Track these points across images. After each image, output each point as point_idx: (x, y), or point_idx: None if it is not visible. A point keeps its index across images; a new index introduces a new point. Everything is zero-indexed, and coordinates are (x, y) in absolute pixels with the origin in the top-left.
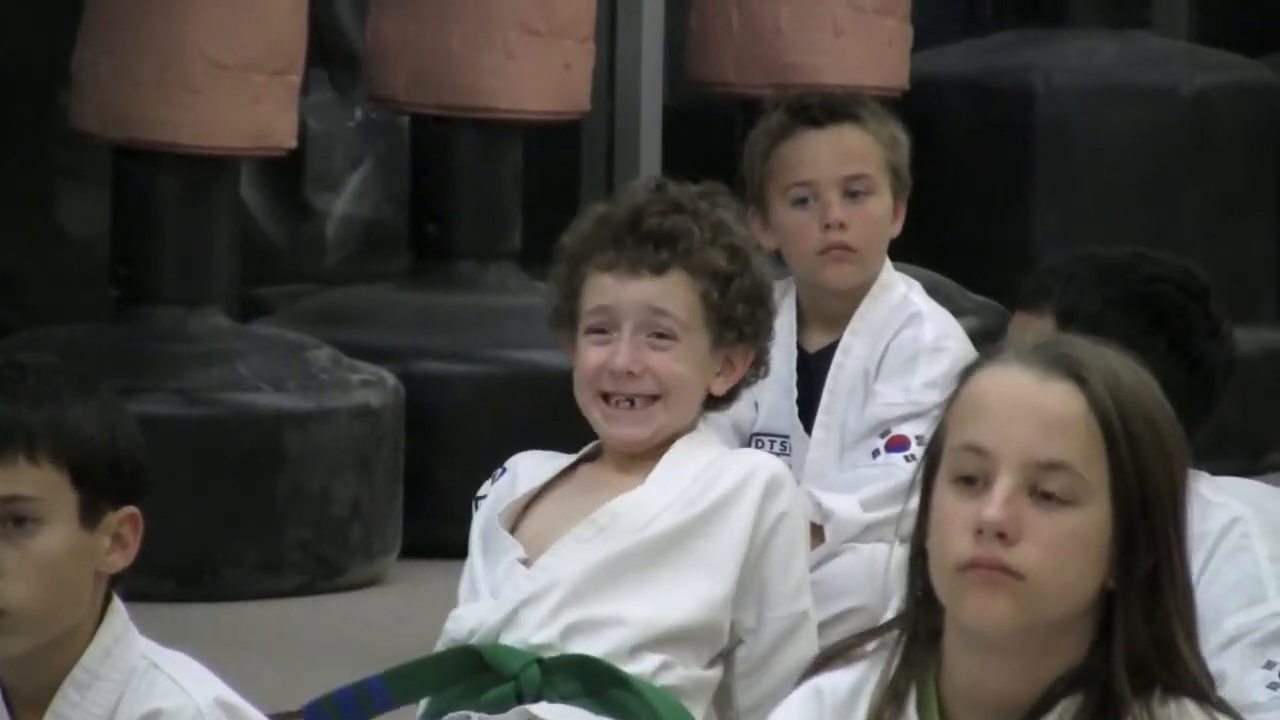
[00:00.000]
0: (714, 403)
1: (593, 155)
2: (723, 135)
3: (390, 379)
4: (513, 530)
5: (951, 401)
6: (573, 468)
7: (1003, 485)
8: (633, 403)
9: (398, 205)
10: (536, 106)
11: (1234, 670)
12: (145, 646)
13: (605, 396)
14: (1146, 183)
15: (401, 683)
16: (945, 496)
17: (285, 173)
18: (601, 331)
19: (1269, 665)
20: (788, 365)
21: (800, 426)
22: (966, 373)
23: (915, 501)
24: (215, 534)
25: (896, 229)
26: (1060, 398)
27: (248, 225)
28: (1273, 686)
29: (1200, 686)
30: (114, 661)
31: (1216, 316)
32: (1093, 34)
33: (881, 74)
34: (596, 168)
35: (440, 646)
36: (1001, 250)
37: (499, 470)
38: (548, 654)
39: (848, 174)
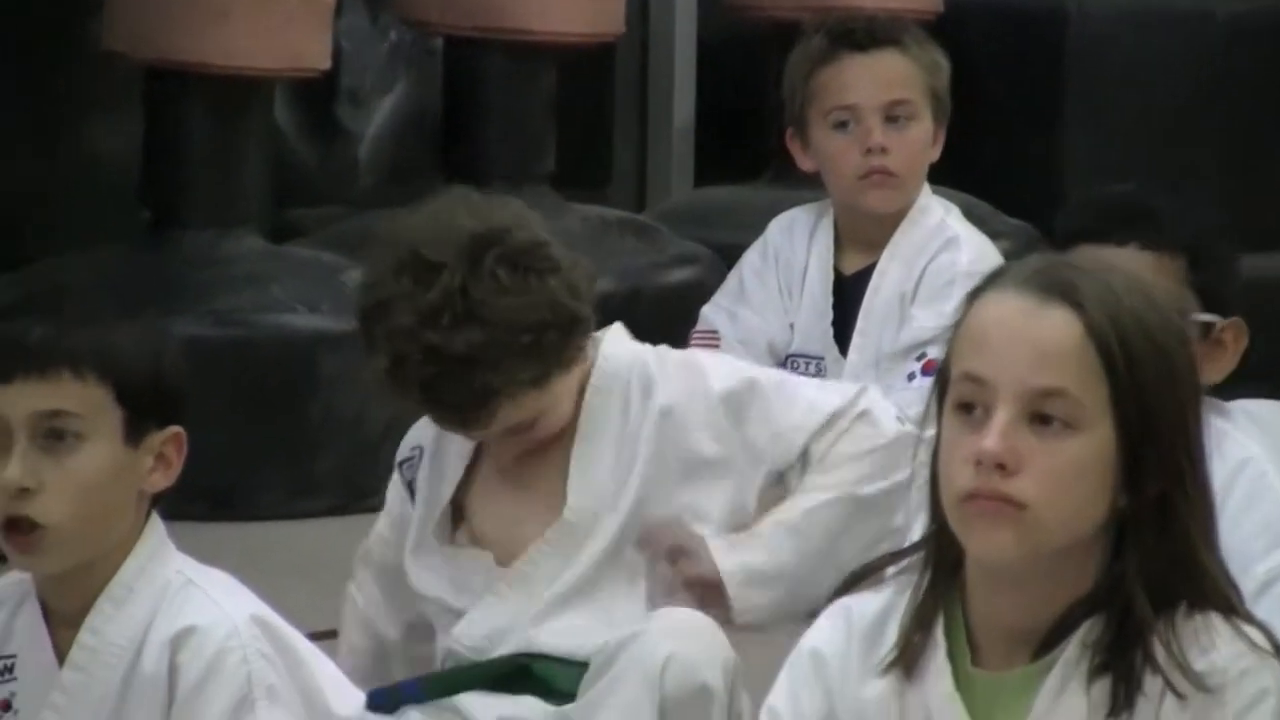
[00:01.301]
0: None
1: (626, 81)
2: (756, 60)
3: None
4: (457, 523)
5: (957, 327)
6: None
7: (1000, 416)
8: None
9: (430, 128)
10: (570, 29)
11: (1275, 620)
12: (181, 563)
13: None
14: (1179, 107)
15: (437, 686)
16: (949, 425)
17: (318, 95)
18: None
19: None
20: (824, 287)
21: (835, 349)
22: (971, 297)
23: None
24: (248, 456)
25: (936, 154)
26: (1056, 324)
27: (280, 148)
28: None
29: (1227, 599)
30: (149, 577)
31: None
32: None
33: None
34: (630, 93)
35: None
36: (1033, 174)
37: (414, 451)
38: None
39: (890, 99)
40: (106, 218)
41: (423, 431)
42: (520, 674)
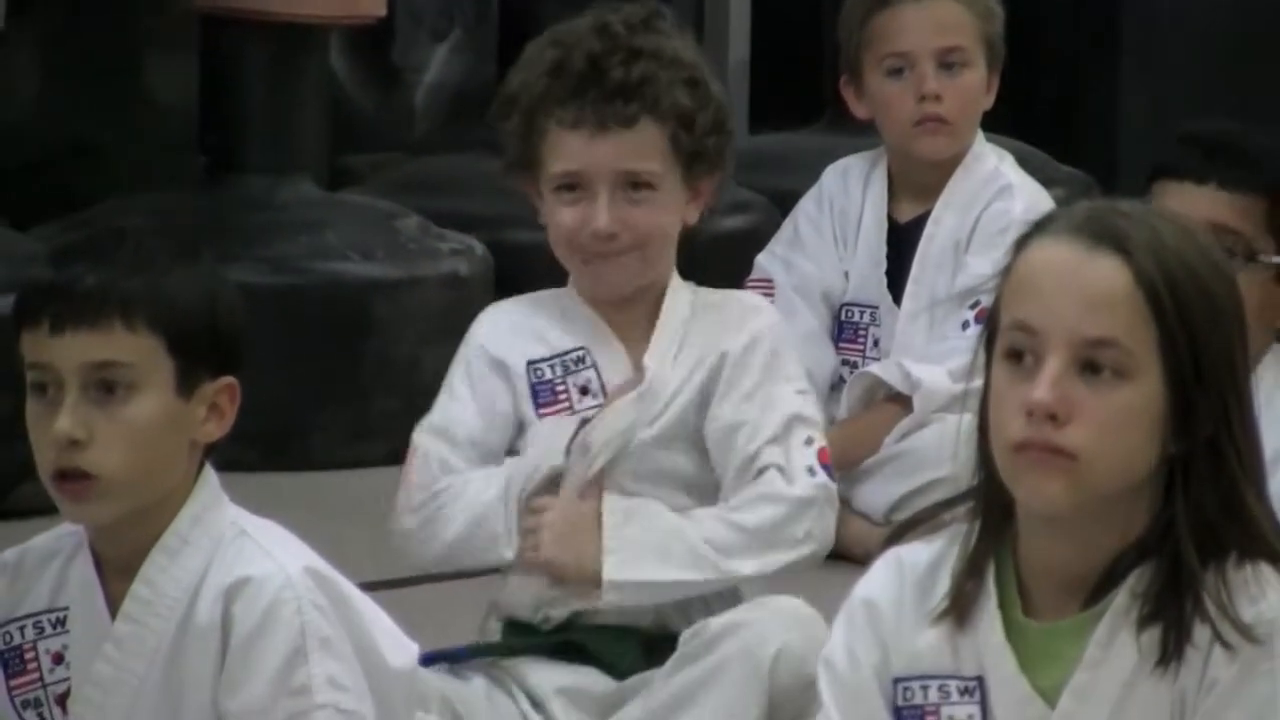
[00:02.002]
0: (685, 232)
1: (681, 24)
2: (811, 5)
3: (479, 247)
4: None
5: (1006, 274)
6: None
7: (1051, 365)
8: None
9: (486, 74)
10: None
11: None
12: (236, 514)
13: (580, 255)
14: (1234, 52)
15: (489, 653)
16: (999, 374)
17: (374, 41)
18: (572, 189)
19: None
20: (878, 236)
21: (889, 297)
22: (1019, 244)
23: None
24: (303, 403)
25: (990, 101)
26: (1105, 272)
27: (336, 94)
28: None
29: (1275, 549)
30: (204, 528)
31: None
32: None
33: None
34: None
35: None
36: (1088, 121)
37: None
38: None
39: (943, 45)
40: (163, 164)
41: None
42: (575, 648)
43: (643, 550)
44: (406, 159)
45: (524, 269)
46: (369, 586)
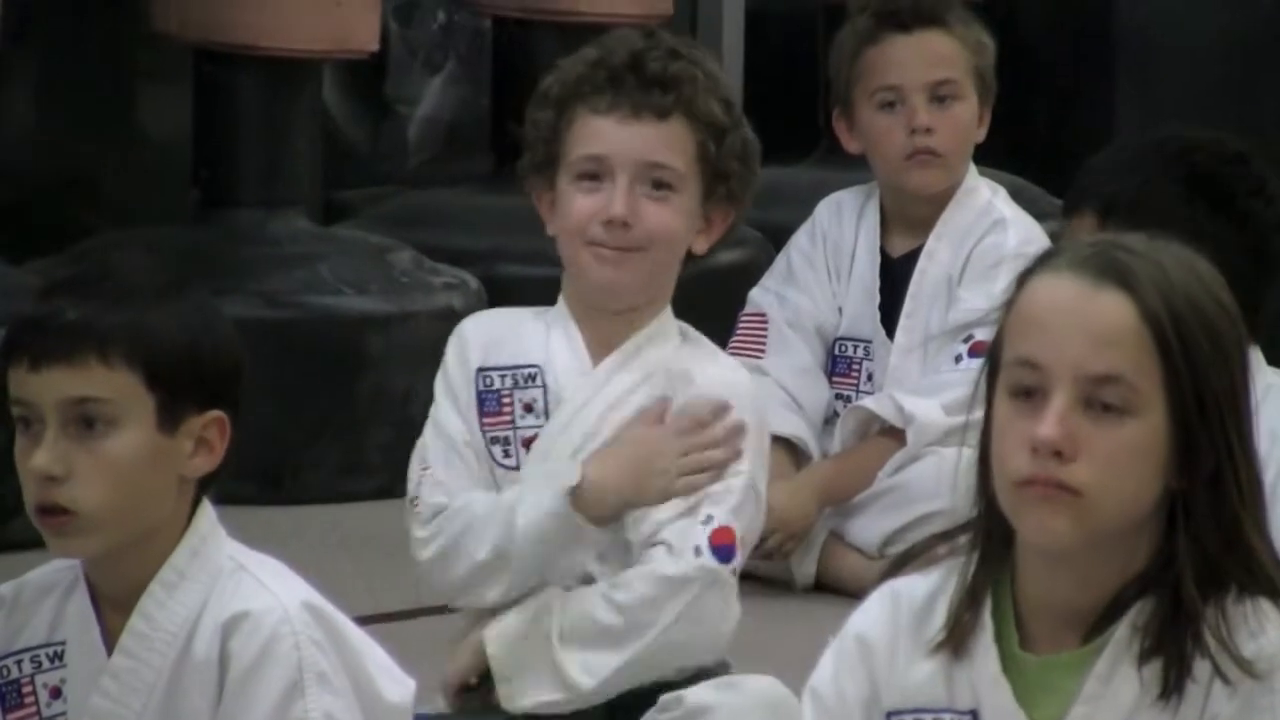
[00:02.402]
0: (690, 261)
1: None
2: (804, 40)
3: (472, 282)
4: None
5: (1009, 309)
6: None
7: (1057, 401)
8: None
9: (480, 108)
10: (619, 9)
11: None
12: (233, 548)
13: (591, 245)
14: (1228, 83)
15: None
16: (1003, 409)
17: (367, 75)
18: (593, 178)
19: None
20: (871, 270)
21: (882, 331)
22: (1022, 279)
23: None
24: (297, 437)
25: (981, 134)
26: (1111, 309)
27: (329, 128)
28: None
29: (1276, 585)
30: (201, 562)
31: (1260, 175)
32: None
33: None
34: None
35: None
36: (1082, 153)
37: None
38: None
39: (934, 79)
40: (157, 198)
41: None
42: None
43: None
44: (400, 193)
45: (517, 303)
46: (365, 620)
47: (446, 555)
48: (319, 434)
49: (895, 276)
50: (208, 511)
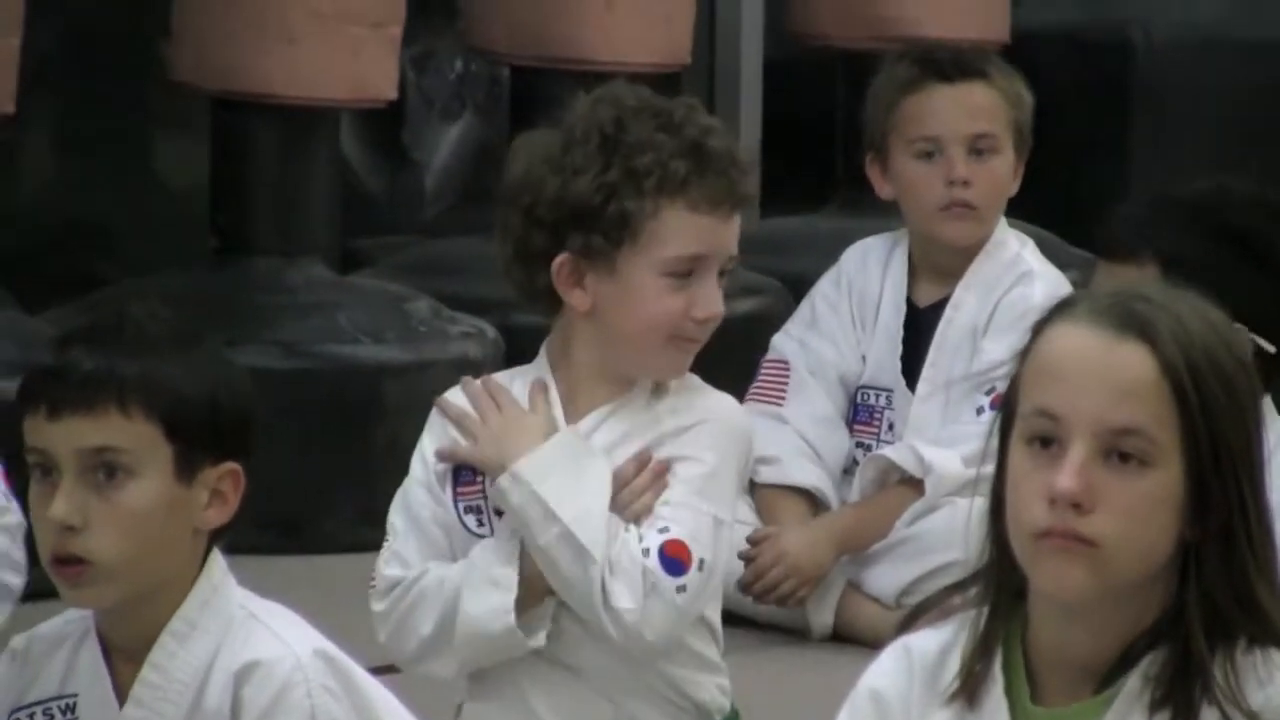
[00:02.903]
0: None
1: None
2: (822, 89)
3: (490, 331)
4: None
5: (1025, 357)
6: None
7: (1076, 453)
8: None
9: (497, 156)
10: (636, 58)
11: None
12: (243, 597)
13: (675, 339)
14: (1246, 137)
15: None
16: (1019, 459)
17: (384, 124)
18: (686, 274)
19: None
20: (896, 319)
21: (903, 381)
22: (1038, 328)
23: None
24: (314, 486)
25: (1015, 187)
26: (1132, 361)
27: (347, 176)
28: None
29: None
30: (212, 612)
31: None
32: None
33: (982, 26)
34: None
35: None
36: (1100, 205)
37: None
38: None
39: (974, 132)
40: (174, 246)
41: None
42: None
43: (560, 476)
44: (417, 241)
45: (534, 352)
46: (380, 670)
47: (398, 629)
48: (335, 483)
49: (920, 325)
50: (219, 561)
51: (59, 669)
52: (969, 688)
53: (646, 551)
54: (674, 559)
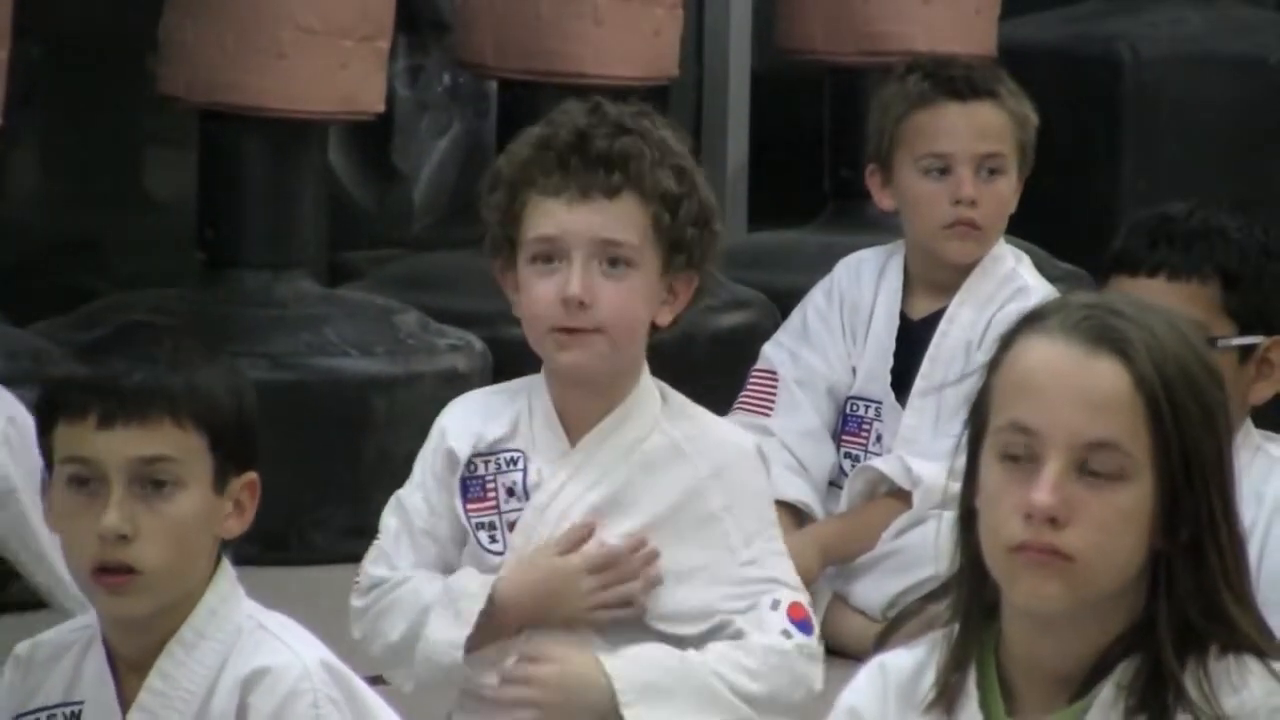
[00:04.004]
0: (656, 332)
1: (680, 121)
2: (810, 102)
3: (478, 343)
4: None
5: (994, 368)
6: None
7: (1051, 468)
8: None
9: (485, 170)
10: (624, 72)
11: None
12: (251, 608)
13: (553, 331)
14: (1234, 153)
15: None
16: (992, 473)
17: (373, 138)
18: (548, 259)
19: None
20: (888, 332)
21: (893, 394)
22: (1008, 340)
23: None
24: (302, 498)
25: (1014, 205)
26: (1107, 376)
27: (335, 190)
28: None
29: (1256, 643)
30: (220, 621)
31: None
32: (1180, 3)
33: (969, 42)
34: (684, 134)
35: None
36: (1088, 220)
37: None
38: None
39: (984, 151)
40: (162, 260)
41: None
42: None
43: (658, 693)
44: (405, 255)
45: (522, 365)
46: (372, 682)
47: (369, 630)
48: (324, 495)
49: (913, 339)
50: (228, 572)
51: (64, 676)
52: (944, 701)
53: (787, 633)
54: (802, 621)
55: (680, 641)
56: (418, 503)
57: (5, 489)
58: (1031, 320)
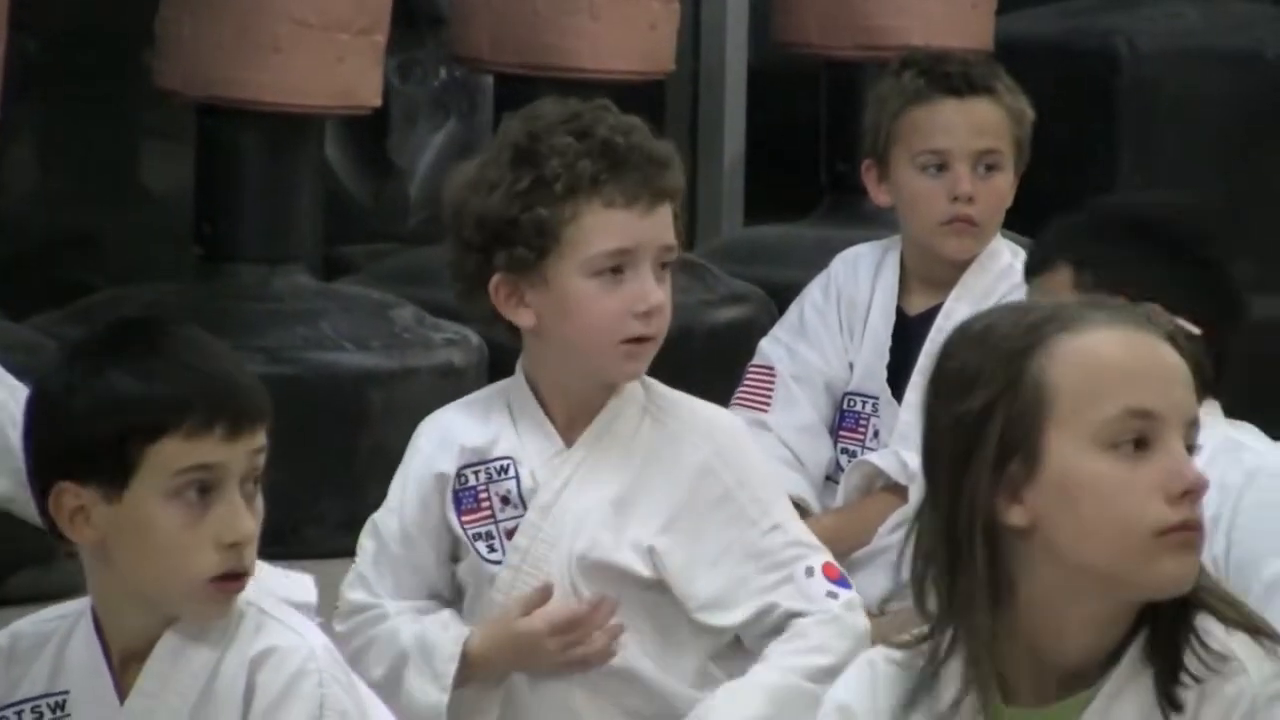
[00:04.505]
0: None
1: (677, 115)
2: (806, 96)
3: (474, 338)
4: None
5: (1036, 377)
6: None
7: (1177, 445)
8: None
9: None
10: (621, 66)
11: None
12: (250, 594)
13: (623, 343)
14: (1230, 147)
15: None
16: (1105, 466)
17: (369, 132)
18: (617, 271)
19: None
20: (885, 327)
21: (889, 390)
22: (1030, 346)
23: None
24: (298, 493)
25: (1010, 200)
26: (1174, 355)
27: (331, 184)
28: None
29: (1254, 624)
30: None
31: (1212, 231)
32: None
33: (966, 36)
34: (680, 128)
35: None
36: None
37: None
38: None
39: (981, 148)
40: (158, 254)
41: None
42: None
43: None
44: (401, 249)
45: (518, 359)
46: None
47: (354, 660)
48: (319, 490)
49: (910, 334)
50: None
51: (47, 667)
52: (933, 688)
53: (831, 593)
54: (840, 578)
55: (723, 634)
56: (393, 528)
57: None
58: (1069, 320)
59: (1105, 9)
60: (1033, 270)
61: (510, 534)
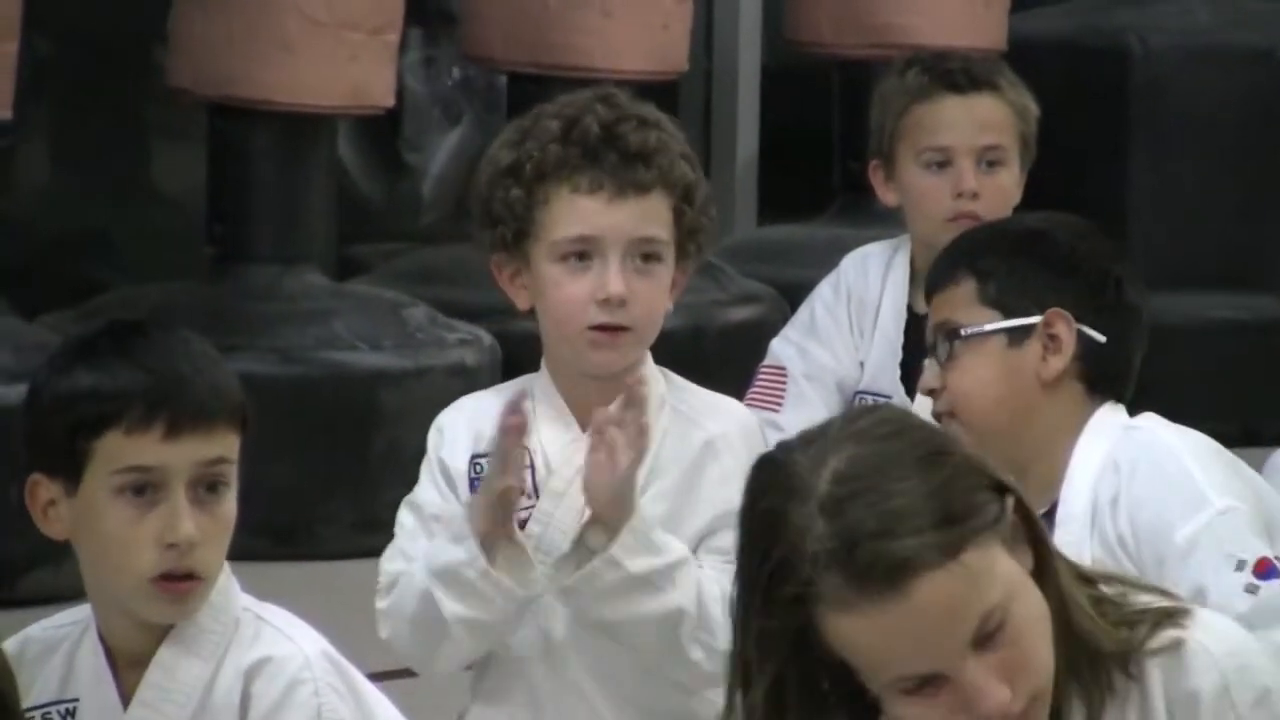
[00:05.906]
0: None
1: (690, 114)
2: (819, 95)
3: (486, 337)
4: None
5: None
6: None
7: None
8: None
9: (482, 163)
10: (633, 65)
11: (1211, 580)
12: (247, 601)
13: (587, 330)
14: (1241, 144)
15: None
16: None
17: (382, 131)
18: (582, 257)
19: (1239, 566)
20: (896, 326)
21: (902, 389)
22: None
23: None
24: (311, 492)
25: (1018, 197)
26: None
27: (344, 183)
28: (1251, 590)
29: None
30: (217, 614)
31: (1109, 244)
32: None
33: (978, 35)
34: (693, 127)
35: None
36: (1096, 212)
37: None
38: None
39: (985, 144)
40: (171, 254)
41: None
42: None
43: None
44: (414, 249)
45: (531, 358)
46: (376, 677)
47: (395, 624)
48: (333, 490)
49: (921, 332)
50: (224, 567)
51: (58, 673)
52: None
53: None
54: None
55: None
56: (431, 496)
57: None
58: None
59: (1117, 7)
60: (935, 285)
61: (524, 524)
